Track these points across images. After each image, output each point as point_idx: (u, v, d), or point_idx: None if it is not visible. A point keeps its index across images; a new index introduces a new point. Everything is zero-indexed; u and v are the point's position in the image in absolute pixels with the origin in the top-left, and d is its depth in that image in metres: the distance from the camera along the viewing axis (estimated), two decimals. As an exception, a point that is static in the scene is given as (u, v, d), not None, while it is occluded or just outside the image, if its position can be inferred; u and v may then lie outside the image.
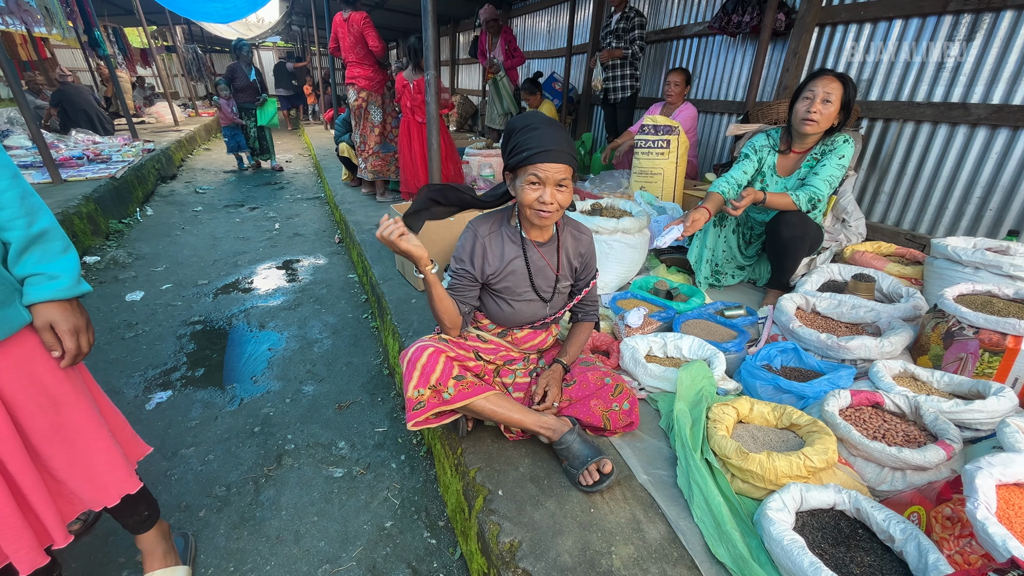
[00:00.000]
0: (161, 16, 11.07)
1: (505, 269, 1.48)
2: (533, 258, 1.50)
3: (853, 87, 2.07)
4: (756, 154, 2.36)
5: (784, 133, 2.31)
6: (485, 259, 1.46)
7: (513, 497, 1.30)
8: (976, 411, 1.34)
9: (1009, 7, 2.54)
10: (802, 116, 2.10)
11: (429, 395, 1.34)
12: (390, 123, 4.32)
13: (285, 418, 2.06)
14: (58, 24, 6.37)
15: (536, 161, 1.28)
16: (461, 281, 1.48)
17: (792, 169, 2.30)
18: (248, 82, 6.46)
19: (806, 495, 1.12)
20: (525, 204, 1.35)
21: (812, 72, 2.12)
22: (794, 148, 2.27)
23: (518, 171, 1.34)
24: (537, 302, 1.55)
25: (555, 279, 1.53)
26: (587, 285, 1.62)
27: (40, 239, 0.91)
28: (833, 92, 2.03)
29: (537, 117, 1.35)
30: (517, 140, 1.33)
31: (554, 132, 1.30)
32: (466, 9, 8.34)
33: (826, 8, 3.34)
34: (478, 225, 1.48)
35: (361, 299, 3.17)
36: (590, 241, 1.59)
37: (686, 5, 4.62)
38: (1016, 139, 2.58)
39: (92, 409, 1.05)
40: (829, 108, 2.05)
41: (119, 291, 3.22)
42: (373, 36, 3.92)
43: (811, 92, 2.07)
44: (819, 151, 2.21)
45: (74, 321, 0.96)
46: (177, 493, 1.67)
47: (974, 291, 1.77)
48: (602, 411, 1.44)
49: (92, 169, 5.15)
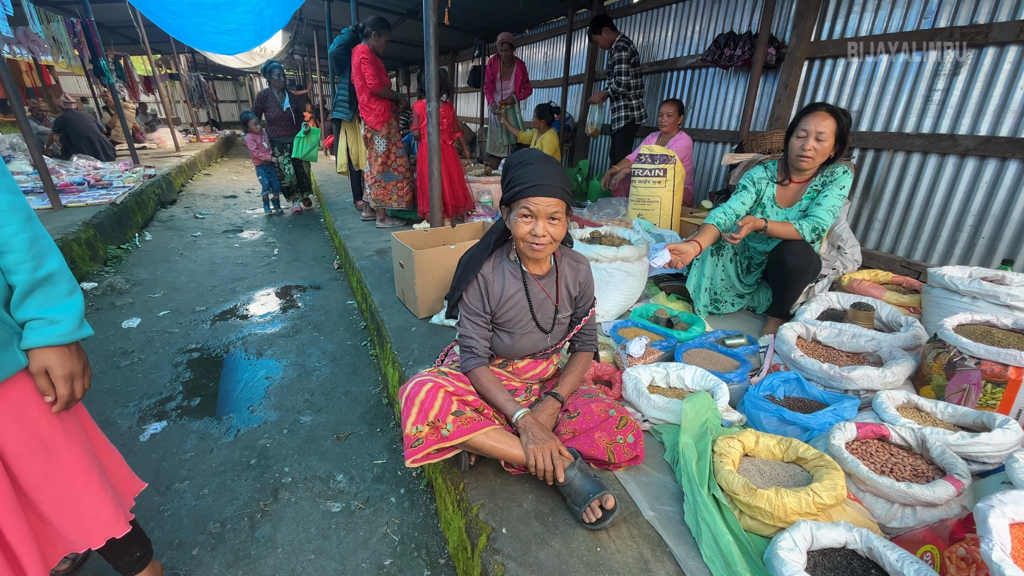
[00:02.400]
0: (166, 45, 11.31)
1: (507, 303, 1.50)
2: (534, 291, 1.52)
3: (847, 119, 2.12)
4: (754, 186, 2.39)
5: (781, 165, 2.36)
6: (491, 295, 1.49)
7: (517, 535, 1.27)
8: (983, 444, 1.33)
9: (991, 44, 2.63)
10: (797, 153, 2.16)
11: (428, 432, 1.33)
12: (394, 152, 4.35)
13: (282, 450, 2.03)
14: (64, 53, 6.50)
15: (528, 195, 1.32)
16: (477, 322, 1.50)
17: (793, 200, 2.33)
18: (281, 112, 5.47)
19: (817, 533, 1.10)
20: (518, 237, 1.38)
21: (805, 107, 2.17)
22: (793, 179, 2.31)
23: (512, 205, 1.38)
24: (538, 334, 1.57)
25: (555, 310, 1.55)
26: (585, 314, 1.63)
27: (45, 282, 0.90)
28: (825, 129, 2.08)
29: (533, 154, 1.39)
30: (512, 175, 1.37)
31: (547, 167, 1.34)
32: (464, 40, 8.57)
33: (815, 43, 3.45)
34: (479, 265, 1.49)
35: (360, 326, 3.16)
36: (587, 270, 1.61)
37: (680, 39, 4.77)
38: (1005, 170, 2.65)
39: (84, 451, 1.02)
40: (823, 144, 2.10)
41: (116, 318, 3.20)
42: (369, 72, 3.89)
43: (804, 131, 2.12)
44: (819, 182, 2.24)
45: (70, 367, 0.94)
46: (170, 530, 1.63)
47: (973, 321, 1.79)
48: (606, 444, 1.43)
49: (93, 195, 5.18)
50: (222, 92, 20.49)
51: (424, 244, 2.82)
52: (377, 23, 3.98)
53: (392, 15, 6.93)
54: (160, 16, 5.41)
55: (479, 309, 1.49)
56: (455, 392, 1.40)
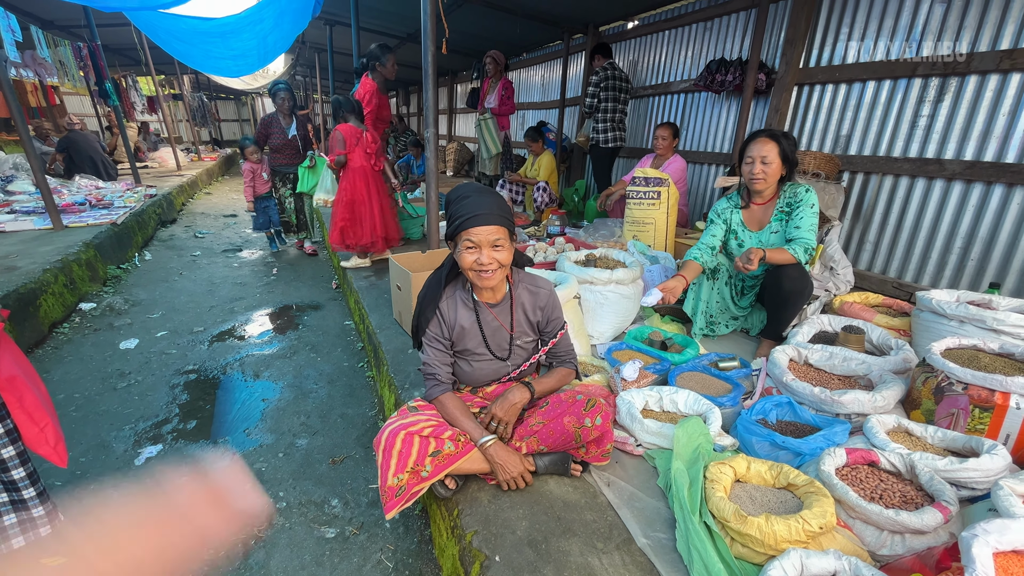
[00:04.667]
0: (170, 66, 11.51)
1: (461, 332, 1.56)
2: (487, 320, 1.57)
3: (788, 140, 2.25)
4: (720, 217, 2.53)
5: (743, 190, 2.47)
6: (445, 323, 1.56)
7: (511, 563, 1.27)
8: (970, 470, 1.34)
9: (973, 72, 2.71)
10: (748, 178, 2.32)
11: (408, 478, 1.38)
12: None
13: (277, 474, 2.03)
14: (70, 76, 6.62)
15: (468, 227, 1.38)
16: (437, 348, 1.56)
17: (762, 222, 2.43)
18: (286, 139, 4.66)
19: (806, 562, 1.11)
20: (465, 268, 1.44)
21: (748, 136, 2.32)
22: (754, 201, 2.44)
23: (456, 239, 1.43)
24: (496, 361, 1.62)
25: (510, 338, 1.61)
26: (554, 336, 1.67)
27: None
28: (768, 152, 2.23)
29: (470, 187, 1.45)
30: (452, 211, 1.43)
31: (484, 198, 1.40)
32: (463, 63, 8.76)
33: (804, 69, 3.55)
34: (435, 301, 1.56)
35: (357, 347, 3.17)
36: (549, 293, 1.65)
37: (673, 64, 4.89)
38: (990, 193, 2.70)
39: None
40: (770, 167, 2.25)
41: (114, 339, 3.21)
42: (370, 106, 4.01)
43: (750, 157, 2.28)
44: (784, 204, 2.34)
45: None
46: (163, 557, 1.62)
47: (960, 345, 1.81)
48: (575, 428, 1.48)
49: (94, 215, 5.23)
50: (224, 112, 20.75)
51: (421, 267, 2.86)
52: (377, 53, 4.06)
53: (393, 39, 7.09)
54: (167, 41, 5.55)
55: (438, 335, 1.55)
56: (432, 433, 1.44)
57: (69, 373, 2.78)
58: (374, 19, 6.30)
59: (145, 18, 5.41)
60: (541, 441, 1.52)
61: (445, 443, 1.43)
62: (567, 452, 1.57)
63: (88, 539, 1.41)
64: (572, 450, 1.57)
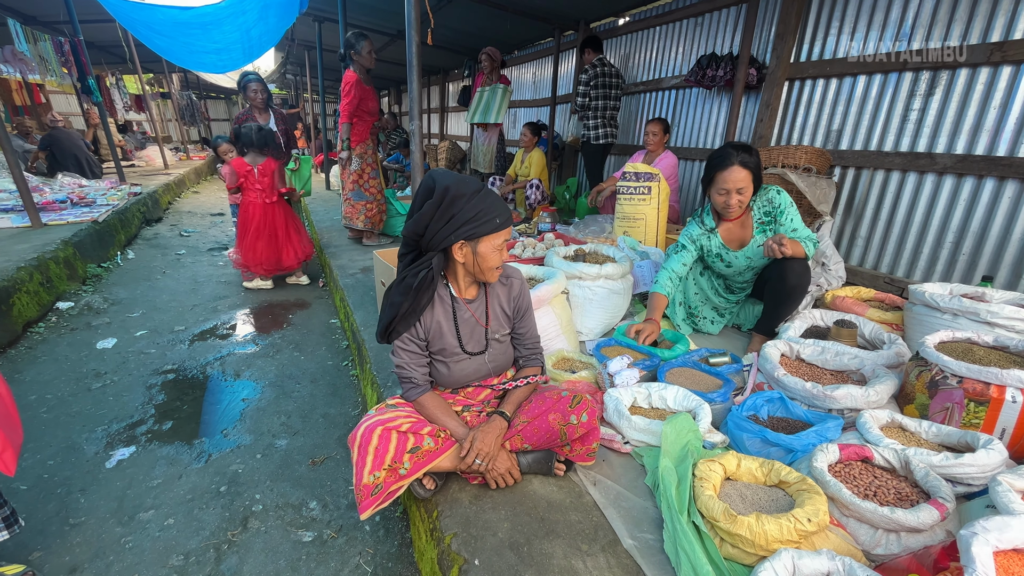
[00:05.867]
0: (158, 64, 11.35)
1: (438, 329, 1.49)
2: (463, 316, 1.52)
3: (755, 157, 2.12)
4: (694, 243, 2.40)
5: (713, 213, 2.36)
6: (421, 324, 1.48)
7: (490, 567, 1.21)
8: (966, 465, 1.30)
9: (963, 66, 2.69)
10: (722, 207, 2.21)
11: (385, 476, 1.31)
12: (368, 173, 4.38)
13: (254, 476, 1.95)
14: (52, 71, 6.49)
15: (501, 228, 1.36)
16: (411, 349, 1.48)
17: (742, 238, 2.32)
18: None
19: (798, 563, 1.06)
20: (492, 267, 1.40)
21: (716, 158, 2.16)
22: (726, 219, 2.33)
23: (481, 239, 1.36)
24: (475, 358, 1.56)
25: (485, 332, 1.55)
26: (525, 328, 1.63)
27: None
28: (742, 180, 2.11)
29: (474, 183, 1.34)
30: (475, 209, 1.31)
31: (495, 198, 1.37)
32: (454, 61, 8.68)
33: (794, 64, 3.52)
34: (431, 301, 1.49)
35: (342, 345, 3.10)
36: (520, 283, 1.61)
37: (664, 59, 4.86)
38: (982, 187, 2.68)
39: None
40: (745, 194, 2.15)
41: (91, 338, 3.12)
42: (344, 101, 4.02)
43: (724, 189, 2.14)
44: (761, 214, 2.26)
45: None
46: (130, 564, 1.55)
47: (954, 338, 1.78)
48: (560, 425, 1.43)
49: (75, 213, 5.11)
50: (214, 111, 20.51)
51: (407, 262, 2.79)
52: (352, 41, 4.02)
53: (382, 36, 7.01)
54: (147, 36, 5.43)
55: (413, 336, 1.47)
56: (411, 428, 1.38)
57: (42, 374, 2.69)
58: (363, 15, 6.22)
59: (122, 10, 5.27)
60: (525, 439, 1.47)
61: (424, 439, 1.37)
62: (551, 450, 1.52)
63: None
64: (557, 448, 1.52)
